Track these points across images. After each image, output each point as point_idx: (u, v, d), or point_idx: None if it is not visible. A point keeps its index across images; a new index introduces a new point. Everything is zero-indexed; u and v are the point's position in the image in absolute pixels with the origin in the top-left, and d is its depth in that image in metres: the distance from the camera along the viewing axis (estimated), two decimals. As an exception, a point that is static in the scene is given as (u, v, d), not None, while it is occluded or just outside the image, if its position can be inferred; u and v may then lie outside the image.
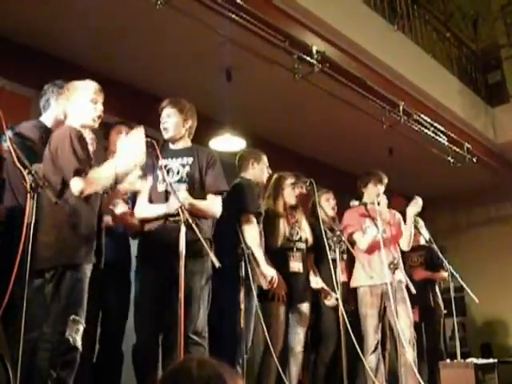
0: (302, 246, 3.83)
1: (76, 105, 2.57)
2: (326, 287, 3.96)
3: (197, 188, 2.96)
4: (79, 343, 2.24)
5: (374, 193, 4.22)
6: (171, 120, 3.07)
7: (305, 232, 3.87)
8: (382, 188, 4.28)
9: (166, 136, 3.10)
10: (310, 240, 3.90)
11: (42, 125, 2.75)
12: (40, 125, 2.74)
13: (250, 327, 3.26)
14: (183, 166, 3.01)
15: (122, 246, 3.08)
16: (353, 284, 4.18)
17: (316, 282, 3.94)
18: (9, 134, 2.20)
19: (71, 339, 2.19)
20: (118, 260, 2.99)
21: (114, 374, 3.00)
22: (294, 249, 3.76)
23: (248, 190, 3.43)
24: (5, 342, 1.86)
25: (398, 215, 4.38)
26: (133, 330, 2.90)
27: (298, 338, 3.72)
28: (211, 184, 3.01)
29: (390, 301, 3.77)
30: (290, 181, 3.90)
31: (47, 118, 2.79)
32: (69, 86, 2.62)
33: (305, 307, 3.78)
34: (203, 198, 2.98)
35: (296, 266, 3.75)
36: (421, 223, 5.24)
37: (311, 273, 3.97)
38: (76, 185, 2.32)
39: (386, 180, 4.32)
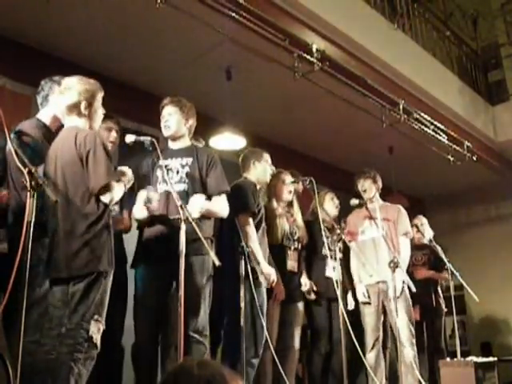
0: (298, 245, 3.85)
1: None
2: (313, 285, 4.01)
3: (196, 188, 2.95)
4: (99, 342, 2.30)
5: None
6: (172, 118, 3.06)
7: (301, 231, 3.88)
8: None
9: (167, 134, 3.09)
10: (305, 239, 3.91)
11: (42, 123, 2.72)
12: (41, 124, 2.71)
13: (258, 326, 3.20)
14: (182, 166, 3.00)
15: (117, 242, 3.07)
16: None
17: (305, 283, 3.97)
18: (10, 135, 2.18)
19: (94, 337, 2.27)
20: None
21: (115, 370, 3.00)
22: (292, 248, 3.77)
23: (243, 190, 3.39)
24: (5, 342, 1.85)
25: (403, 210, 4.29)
26: (132, 328, 2.90)
27: (295, 336, 3.73)
28: (215, 185, 2.99)
29: (388, 299, 3.77)
30: (288, 178, 3.89)
31: (45, 115, 2.73)
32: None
33: (300, 306, 3.81)
34: None
35: (292, 265, 3.76)
36: (424, 221, 5.24)
37: (303, 273, 4.00)
38: (107, 196, 2.41)
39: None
